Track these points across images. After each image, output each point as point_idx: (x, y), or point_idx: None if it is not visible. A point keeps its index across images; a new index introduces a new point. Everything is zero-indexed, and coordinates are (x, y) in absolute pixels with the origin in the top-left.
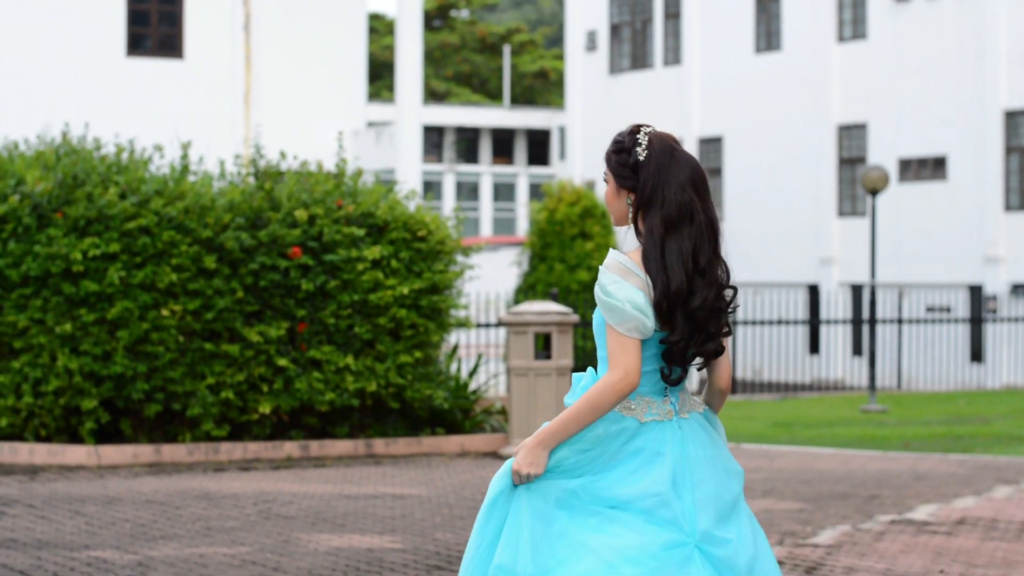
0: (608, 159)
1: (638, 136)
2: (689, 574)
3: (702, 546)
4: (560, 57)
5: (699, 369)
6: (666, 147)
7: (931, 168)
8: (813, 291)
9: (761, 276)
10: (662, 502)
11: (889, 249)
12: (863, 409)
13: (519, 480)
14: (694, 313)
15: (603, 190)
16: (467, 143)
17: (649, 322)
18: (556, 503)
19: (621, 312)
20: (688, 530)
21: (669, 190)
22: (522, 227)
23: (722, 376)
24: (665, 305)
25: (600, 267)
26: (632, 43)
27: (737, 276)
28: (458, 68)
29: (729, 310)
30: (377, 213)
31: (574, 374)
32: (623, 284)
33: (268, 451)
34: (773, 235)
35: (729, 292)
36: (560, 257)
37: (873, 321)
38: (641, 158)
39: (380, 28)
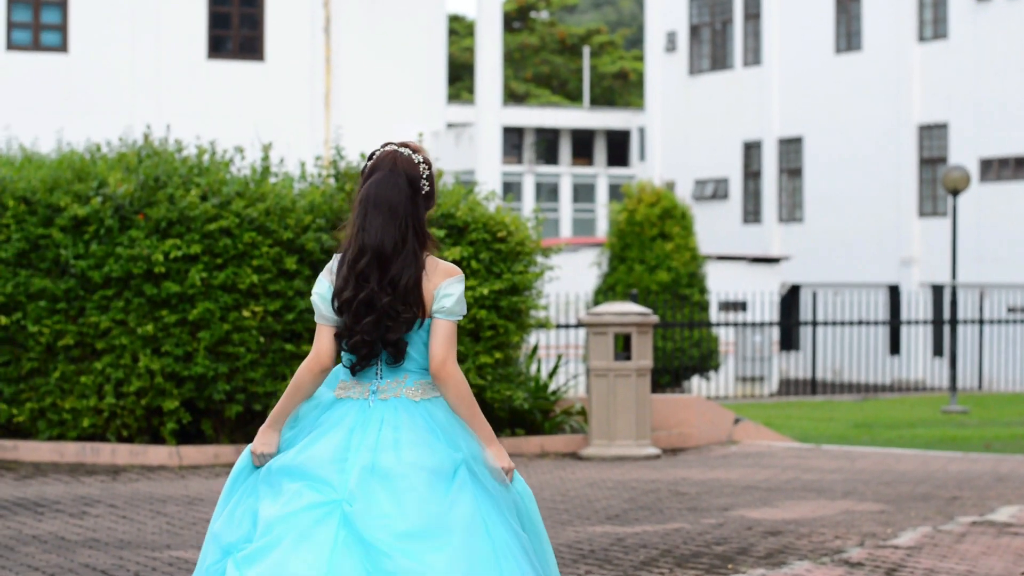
0: None
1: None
2: (319, 531)
3: (350, 503)
4: (640, 58)
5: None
6: (368, 168)
7: (1012, 168)
8: (894, 291)
9: (842, 277)
10: (321, 465)
11: (970, 249)
12: (944, 410)
13: (256, 460)
14: (344, 307)
15: (683, 191)
16: (547, 144)
17: (326, 311)
18: (262, 477)
19: (313, 303)
20: (340, 491)
21: (355, 208)
22: (602, 228)
23: (431, 368)
24: (334, 300)
25: None
26: (712, 44)
27: (817, 276)
28: (538, 69)
29: (378, 319)
30: (457, 214)
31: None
32: (319, 280)
33: None
34: (853, 235)
35: (386, 299)
36: (640, 258)
37: (954, 322)
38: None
39: (460, 30)
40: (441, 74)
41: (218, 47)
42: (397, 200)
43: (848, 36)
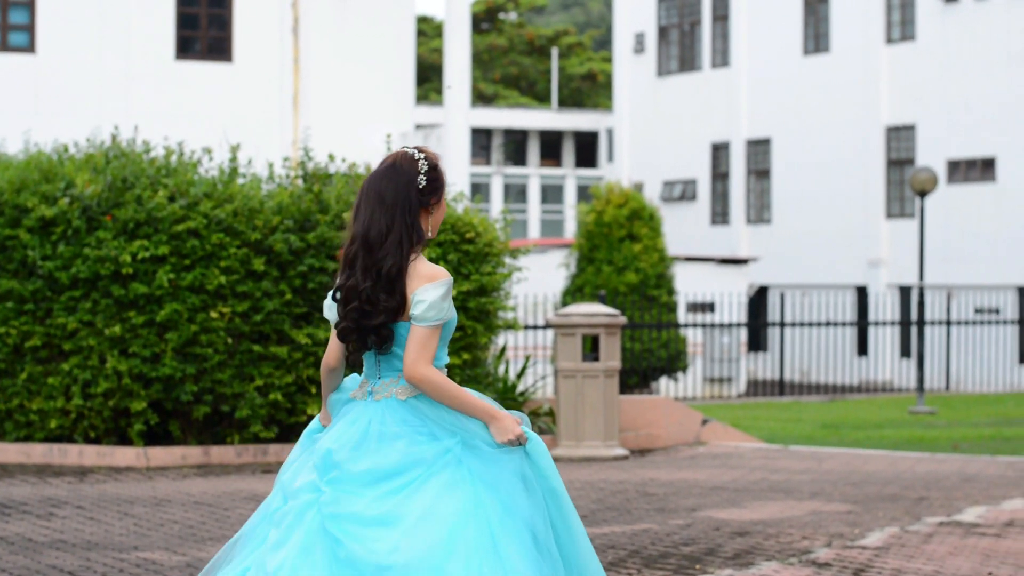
0: None
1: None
2: (301, 517)
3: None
4: (608, 59)
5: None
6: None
7: (980, 169)
8: (861, 292)
9: (809, 278)
10: (312, 458)
11: (937, 250)
12: (911, 411)
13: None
14: (336, 295)
15: (651, 192)
16: (515, 145)
17: (327, 312)
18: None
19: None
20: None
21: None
22: (570, 229)
23: (404, 373)
24: (335, 293)
25: None
26: (680, 45)
27: (785, 277)
28: (506, 70)
29: (359, 306)
30: None
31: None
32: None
33: None
34: (821, 236)
35: (367, 284)
36: (608, 259)
37: (921, 323)
38: None
39: (428, 31)
40: (409, 75)
41: (186, 48)
42: (387, 191)
43: (816, 38)
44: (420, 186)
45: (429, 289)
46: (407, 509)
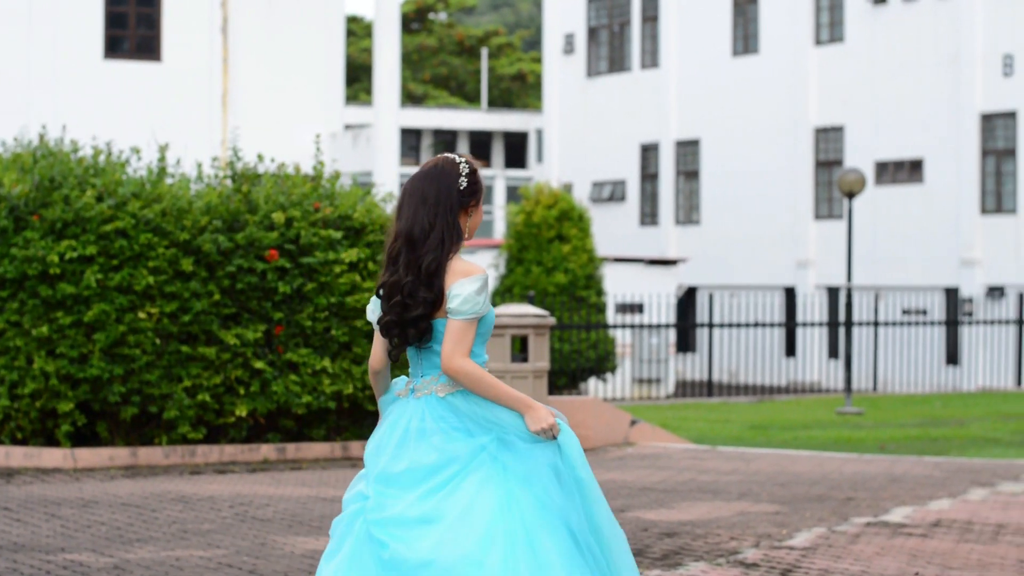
0: None
1: None
2: (350, 527)
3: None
4: (538, 60)
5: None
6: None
7: (907, 171)
8: (789, 294)
9: (738, 279)
10: (367, 461)
11: (865, 252)
12: (839, 412)
13: None
14: (377, 293)
15: (581, 193)
16: (444, 145)
17: (370, 314)
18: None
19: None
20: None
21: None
22: (499, 230)
23: (441, 366)
24: (378, 291)
25: None
26: (609, 46)
27: (714, 278)
28: (436, 71)
29: (402, 300)
30: (354, 216)
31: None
32: None
33: (244, 454)
34: (749, 238)
35: (409, 279)
36: (537, 260)
37: (849, 324)
38: None
39: (358, 31)
40: (339, 75)
41: (115, 47)
42: (430, 191)
43: (745, 39)
44: (461, 188)
45: (465, 283)
46: (447, 507)
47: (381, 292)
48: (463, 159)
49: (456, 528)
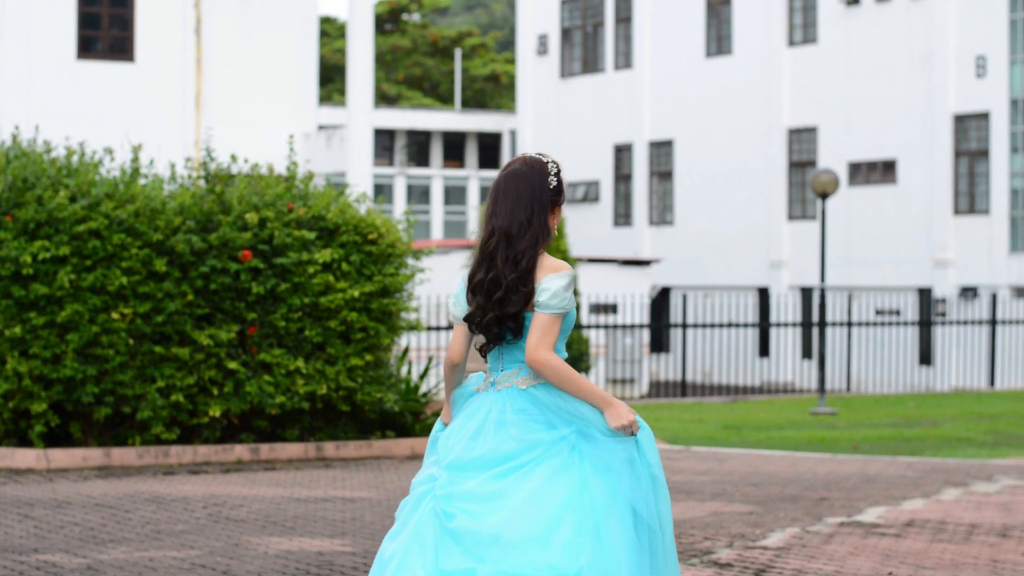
0: None
1: None
2: (416, 507)
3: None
4: (511, 61)
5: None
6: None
7: (881, 172)
8: (763, 294)
9: (712, 279)
10: (440, 449)
11: (839, 252)
12: (812, 412)
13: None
14: (477, 288)
15: None
16: (418, 146)
17: (454, 308)
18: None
19: (448, 305)
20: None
21: (488, 199)
22: (473, 230)
23: (525, 358)
24: (469, 283)
25: None
26: (583, 47)
27: (687, 279)
28: (409, 72)
29: (503, 295)
30: (328, 216)
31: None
32: (458, 283)
33: (218, 454)
34: (723, 238)
35: (511, 276)
36: None
37: (823, 324)
38: None
39: (331, 32)
40: (312, 76)
41: (88, 47)
42: (524, 188)
43: (719, 40)
44: (551, 186)
45: (554, 279)
46: (520, 487)
47: (475, 287)
48: (549, 159)
49: (526, 507)
